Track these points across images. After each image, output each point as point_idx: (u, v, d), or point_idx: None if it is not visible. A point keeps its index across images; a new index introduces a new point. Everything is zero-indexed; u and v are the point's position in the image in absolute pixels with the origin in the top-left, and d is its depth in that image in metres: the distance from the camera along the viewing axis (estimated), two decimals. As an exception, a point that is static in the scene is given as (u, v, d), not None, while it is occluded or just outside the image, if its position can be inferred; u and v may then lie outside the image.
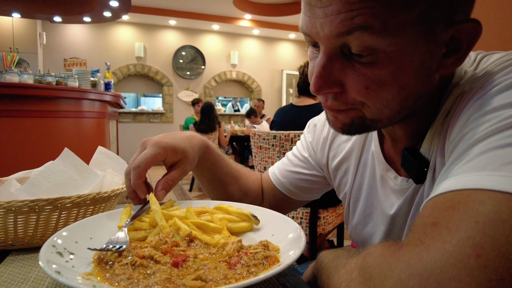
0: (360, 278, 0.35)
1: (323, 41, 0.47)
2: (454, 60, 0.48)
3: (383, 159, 0.66)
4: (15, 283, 0.46)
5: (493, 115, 0.39)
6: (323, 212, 2.00)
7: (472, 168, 0.35)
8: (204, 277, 0.40)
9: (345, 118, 0.53)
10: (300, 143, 0.90)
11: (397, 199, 0.63)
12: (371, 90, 0.47)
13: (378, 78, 0.46)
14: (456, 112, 0.48)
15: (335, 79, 0.49)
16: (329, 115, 0.56)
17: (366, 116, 0.51)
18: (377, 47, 0.44)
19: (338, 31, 0.44)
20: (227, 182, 0.84)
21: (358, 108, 0.51)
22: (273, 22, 8.19)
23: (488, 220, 0.30)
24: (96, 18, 5.77)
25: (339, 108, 0.52)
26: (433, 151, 0.54)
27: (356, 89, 0.48)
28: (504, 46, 1.28)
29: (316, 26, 0.47)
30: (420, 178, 0.56)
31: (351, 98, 0.49)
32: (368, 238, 0.73)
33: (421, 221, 0.35)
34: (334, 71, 0.48)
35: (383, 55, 0.44)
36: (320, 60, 0.48)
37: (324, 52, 0.48)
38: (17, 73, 2.68)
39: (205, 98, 8.46)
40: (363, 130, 0.55)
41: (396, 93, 0.47)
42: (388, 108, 0.49)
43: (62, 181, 0.65)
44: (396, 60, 0.45)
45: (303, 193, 0.88)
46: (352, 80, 0.48)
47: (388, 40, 0.43)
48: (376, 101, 0.48)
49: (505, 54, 0.49)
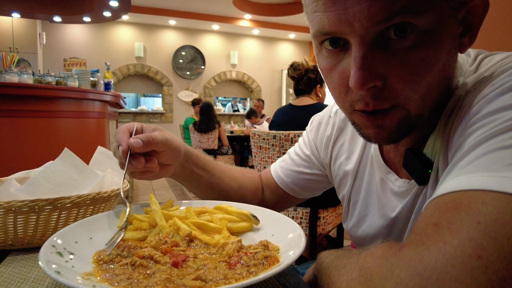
0: (361, 278, 0.35)
1: (358, 32, 0.44)
2: (468, 38, 0.49)
3: (382, 162, 0.66)
4: (15, 283, 0.46)
5: (495, 117, 0.39)
6: (323, 212, 2.00)
7: (475, 169, 0.35)
8: (204, 277, 0.40)
9: (390, 123, 0.49)
10: (302, 140, 0.89)
11: (399, 201, 0.62)
12: (416, 76, 0.45)
13: (423, 61, 0.44)
14: (459, 113, 0.48)
15: (377, 71, 0.45)
16: (369, 128, 0.51)
17: (411, 112, 0.48)
18: (419, 28, 0.43)
19: (378, 17, 0.42)
20: (225, 185, 0.83)
21: (401, 103, 0.47)
22: (273, 22, 8.20)
23: (490, 221, 0.29)
24: (96, 18, 5.77)
25: (383, 106, 0.47)
26: (436, 152, 0.54)
27: (401, 78, 0.45)
28: (504, 46, 1.28)
29: (347, 18, 0.43)
30: (424, 179, 0.55)
31: (394, 91, 0.46)
32: (363, 240, 0.73)
33: (422, 222, 0.35)
34: (375, 61, 0.45)
35: (424, 35, 0.43)
36: (358, 52, 0.44)
37: (360, 43, 0.44)
38: (17, 73, 2.68)
39: (205, 98, 8.47)
40: (408, 132, 0.51)
41: (436, 75, 0.46)
42: (429, 95, 0.47)
43: (62, 181, 0.65)
44: (436, 39, 0.44)
45: (305, 192, 0.88)
46: (396, 69, 0.45)
47: (427, 18, 0.42)
48: (421, 88, 0.46)
49: (508, 55, 0.49)
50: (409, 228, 0.61)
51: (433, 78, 0.46)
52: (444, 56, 0.46)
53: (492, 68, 0.49)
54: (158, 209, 0.58)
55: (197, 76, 8.55)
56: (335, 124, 0.78)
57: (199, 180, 0.79)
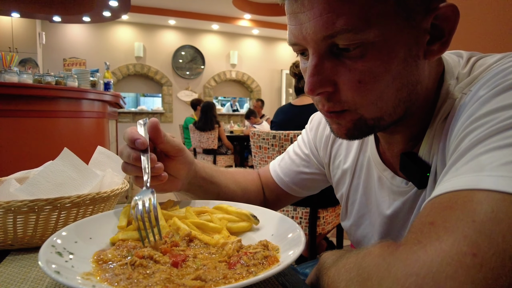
0: (358, 278, 0.35)
1: (311, 45, 0.49)
2: (439, 46, 0.50)
3: (379, 160, 0.66)
4: (15, 283, 0.46)
5: (491, 117, 0.39)
6: (322, 212, 2.01)
7: (471, 169, 0.35)
8: (203, 277, 0.40)
9: (346, 122, 0.53)
10: (301, 138, 0.89)
11: (395, 199, 0.63)
12: (363, 84, 0.48)
13: (370, 70, 0.47)
14: (455, 115, 0.49)
15: (328, 78, 0.50)
16: (332, 124, 0.56)
17: (365, 116, 0.51)
18: (363, 40, 0.45)
19: (322, 34, 0.46)
20: (230, 190, 0.81)
21: (352, 108, 0.51)
22: (273, 22, 8.19)
23: (485, 219, 0.30)
24: (96, 17, 5.77)
25: (335, 109, 0.52)
26: (434, 155, 0.54)
27: (349, 85, 0.49)
28: (500, 47, 1.28)
29: (302, 32, 0.49)
30: (423, 183, 0.56)
31: (344, 96, 0.50)
32: (362, 239, 0.73)
33: (419, 221, 0.35)
34: (326, 69, 0.49)
35: (371, 46, 0.46)
36: (311, 61, 0.50)
37: (314, 53, 0.49)
38: (17, 73, 2.67)
39: (204, 98, 8.46)
40: (368, 132, 0.55)
41: (389, 83, 0.48)
42: (384, 102, 0.50)
43: (61, 181, 0.65)
44: (384, 49, 0.46)
45: (304, 190, 0.89)
46: (345, 77, 0.49)
47: (372, 32, 0.45)
48: (370, 95, 0.49)
49: (501, 57, 0.50)
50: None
51: (384, 87, 0.48)
52: (396, 65, 0.47)
53: (488, 70, 0.49)
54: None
55: (197, 76, 8.55)
56: None
57: (206, 192, 0.76)
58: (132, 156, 0.57)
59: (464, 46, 0.59)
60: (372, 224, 0.70)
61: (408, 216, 0.61)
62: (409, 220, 0.61)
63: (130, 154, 0.57)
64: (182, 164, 0.65)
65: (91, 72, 3.34)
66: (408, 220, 0.61)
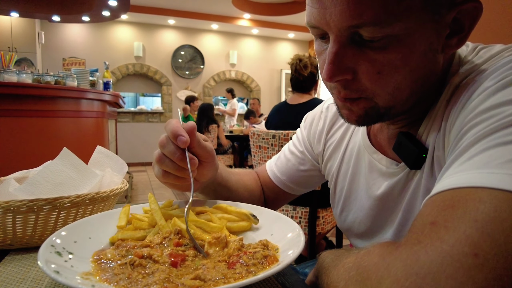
0: (358, 277, 0.35)
1: (334, 31, 0.48)
2: (457, 40, 0.50)
3: (369, 143, 0.67)
4: (14, 282, 0.46)
5: (496, 112, 0.38)
6: (322, 212, 2.01)
7: (472, 165, 0.35)
8: (203, 277, 0.40)
9: (358, 109, 0.53)
10: (296, 137, 0.91)
11: (385, 180, 0.63)
12: (383, 75, 0.48)
13: (390, 62, 0.47)
14: (457, 104, 0.48)
15: (347, 66, 0.49)
16: (343, 109, 0.56)
17: (379, 104, 0.52)
18: (388, 33, 0.45)
19: (349, 24, 0.45)
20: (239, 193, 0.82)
21: (369, 97, 0.51)
22: (272, 21, 8.19)
23: (488, 218, 0.29)
24: (95, 17, 5.76)
25: (351, 96, 0.52)
26: (432, 139, 0.54)
27: (369, 75, 0.49)
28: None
29: (325, 16, 0.47)
30: (417, 164, 0.56)
31: (362, 85, 0.50)
32: (351, 225, 0.74)
33: (420, 220, 0.35)
34: (346, 57, 0.49)
35: (394, 39, 0.45)
36: (332, 48, 0.49)
37: (335, 40, 0.48)
38: (16, 72, 2.67)
39: (204, 98, 8.46)
40: (378, 119, 0.55)
41: (407, 75, 0.48)
42: (399, 92, 0.50)
43: (61, 181, 0.65)
44: (407, 43, 0.46)
45: (301, 188, 0.90)
46: (365, 66, 0.48)
47: (397, 25, 0.44)
48: (388, 86, 0.49)
49: (507, 47, 0.50)
50: (402, 212, 0.61)
51: (402, 78, 0.48)
52: (416, 58, 0.47)
53: (492, 60, 0.49)
54: (157, 208, 0.58)
55: (196, 76, 8.54)
56: (327, 118, 0.81)
57: (217, 195, 0.76)
58: (177, 155, 0.57)
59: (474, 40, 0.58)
60: (361, 207, 0.70)
61: (399, 198, 0.61)
62: (401, 201, 0.61)
63: (176, 153, 0.56)
64: (209, 170, 0.64)
65: (91, 71, 3.34)
66: (400, 201, 0.61)
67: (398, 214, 0.62)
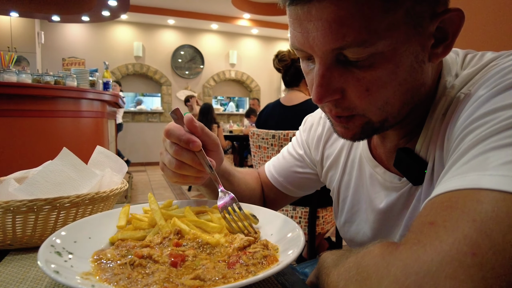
0: (358, 277, 0.35)
1: (318, 54, 0.48)
2: (442, 48, 0.50)
3: (370, 156, 0.67)
4: (14, 282, 0.46)
5: (491, 117, 0.39)
6: (322, 212, 2.01)
7: (471, 168, 0.35)
8: (202, 277, 0.40)
9: (355, 126, 0.54)
10: (295, 139, 0.91)
11: (387, 194, 0.64)
12: (372, 92, 0.48)
13: (378, 79, 0.47)
14: (455, 114, 0.49)
15: (335, 87, 0.50)
16: (338, 127, 0.56)
17: (373, 120, 0.52)
18: (372, 52, 0.45)
19: (332, 47, 0.46)
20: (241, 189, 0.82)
21: (360, 113, 0.52)
22: (272, 21, 8.19)
23: (486, 218, 0.30)
24: (95, 17, 5.76)
25: (343, 114, 0.53)
26: (431, 151, 0.55)
27: (357, 93, 0.49)
28: (500, 47, 1.29)
29: (309, 40, 0.48)
30: (419, 179, 0.56)
31: (352, 103, 0.51)
32: (354, 236, 0.74)
33: (419, 221, 0.35)
34: (333, 78, 0.49)
35: (380, 56, 0.46)
36: (319, 70, 0.49)
37: (321, 62, 0.49)
38: (15, 72, 2.67)
39: (204, 98, 8.46)
40: (372, 133, 0.56)
41: (396, 89, 0.49)
42: (390, 106, 0.50)
43: (60, 181, 0.65)
44: (393, 59, 0.46)
45: (299, 190, 0.90)
46: (353, 85, 0.49)
47: (381, 43, 0.45)
48: (378, 102, 0.49)
49: (498, 55, 0.51)
50: (403, 226, 0.62)
51: (391, 93, 0.49)
52: (403, 72, 0.48)
53: (484, 69, 0.50)
54: (157, 208, 0.58)
55: (196, 76, 8.54)
56: (326, 124, 0.81)
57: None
58: (195, 161, 0.59)
59: (463, 45, 0.59)
60: (365, 220, 0.70)
61: (402, 212, 0.62)
62: (403, 216, 0.61)
63: (194, 158, 0.59)
64: (215, 159, 0.65)
65: (90, 71, 3.34)
66: (402, 216, 0.62)
67: (400, 228, 0.63)
